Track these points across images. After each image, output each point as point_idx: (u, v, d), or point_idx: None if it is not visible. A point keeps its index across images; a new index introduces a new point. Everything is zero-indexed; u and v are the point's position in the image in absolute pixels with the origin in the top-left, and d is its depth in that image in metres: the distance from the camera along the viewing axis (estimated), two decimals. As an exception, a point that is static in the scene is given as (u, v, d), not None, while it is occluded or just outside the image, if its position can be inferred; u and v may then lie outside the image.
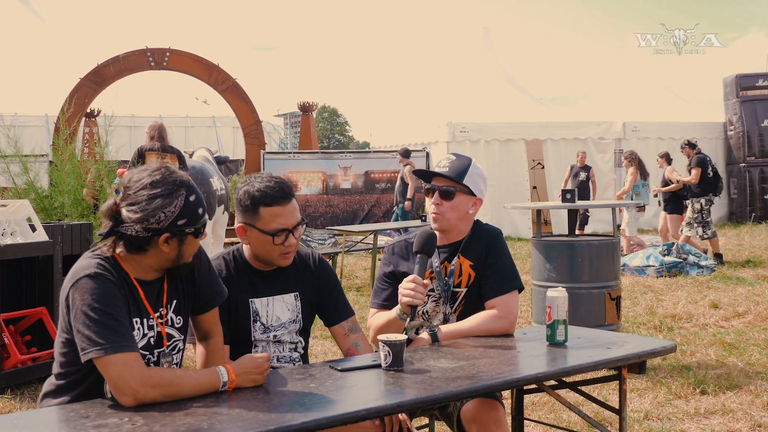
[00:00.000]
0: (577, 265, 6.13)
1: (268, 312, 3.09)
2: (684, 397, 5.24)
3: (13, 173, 9.36)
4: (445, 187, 3.33)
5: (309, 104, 21.12)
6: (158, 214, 2.45)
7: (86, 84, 16.90)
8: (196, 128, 25.64)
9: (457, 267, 3.34)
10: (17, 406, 5.29)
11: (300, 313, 3.15)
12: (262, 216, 2.97)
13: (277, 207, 2.96)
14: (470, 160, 3.41)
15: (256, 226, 2.98)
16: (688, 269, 10.84)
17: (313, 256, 3.26)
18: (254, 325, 3.07)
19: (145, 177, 2.49)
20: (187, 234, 2.52)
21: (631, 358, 2.96)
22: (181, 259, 2.57)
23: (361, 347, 3.16)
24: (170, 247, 2.51)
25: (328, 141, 68.11)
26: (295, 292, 3.15)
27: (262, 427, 2.12)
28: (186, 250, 2.56)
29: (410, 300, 3.05)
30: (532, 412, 4.89)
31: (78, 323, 2.37)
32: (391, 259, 3.43)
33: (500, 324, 3.23)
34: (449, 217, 3.33)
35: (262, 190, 2.97)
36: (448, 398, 2.62)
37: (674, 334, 7.20)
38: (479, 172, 3.41)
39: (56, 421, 2.26)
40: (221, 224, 10.77)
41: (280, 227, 2.97)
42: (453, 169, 3.35)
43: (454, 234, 3.39)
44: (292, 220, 3.00)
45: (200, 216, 2.54)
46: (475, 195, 3.38)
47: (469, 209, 3.37)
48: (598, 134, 18.12)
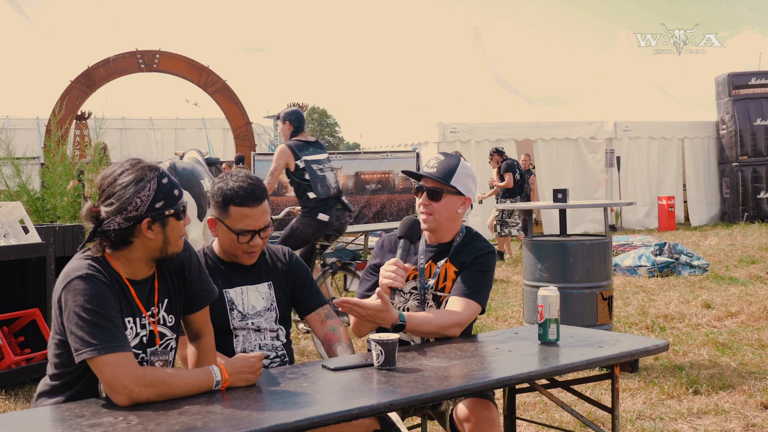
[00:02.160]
0: (568, 265, 6.14)
1: (243, 300, 3.17)
2: (677, 397, 5.25)
3: (5, 176, 9.34)
4: (433, 188, 3.35)
5: (299, 105, 21.11)
6: (134, 200, 2.47)
7: (77, 86, 16.86)
8: (186, 130, 25.57)
9: (443, 271, 3.35)
10: (11, 407, 5.29)
11: (275, 301, 3.22)
12: (231, 214, 3.09)
13: (246, 208, 3.08)
14: (459, 160, 3.42)
15: (224, 222, 3.11)
16: (680, 269, 10.86)
17: (283, 250, 3.35)
18: (231, 313, 3.14)
19: (114, 170, 2.53)
20: (167, 216, 2.53)
21: (624, 357, 2.98)
22: (168, 246, 2.57)
23: (338, 331, 3.21)
24: (154, 233, 2.52)
25: (318, 142, 68.02)
26: (268, 281, 3.24)
27: (255, 425, 2.13)
28: (171, 235, 2.56)
29: (390, 282, 3.08)
30: (524, 412, 4.90)
31: (71, 324, 2.38)
32: (379, 252, 3.46)
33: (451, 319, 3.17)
34: (438, 217, 3.35)
35: (235, 189, 3.08)
36: (441, 397, 2.63)
37: (666, 334, 7.23)
38: (468, 172, 3.42)
39: (51, 421, 2.27)
40: (212, 226, 10.74)
41: (246, 228, 3.09)
42: (440, 170, 3.37)
43: (442, 234, 3.40)
44: (260, 222, 3.11)
45: (177, 197, 2.55)
46: (464, 195, 3.39)
47: (457, 209, 3.38)
48: (589, 134, 18.16)
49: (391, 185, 17.24)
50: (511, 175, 12.97)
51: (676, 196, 18.58)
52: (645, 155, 18.71)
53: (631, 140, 18.48)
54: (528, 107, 19.73)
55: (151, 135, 24.34)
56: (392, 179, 17.22)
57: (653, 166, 18.77)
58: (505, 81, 20.76)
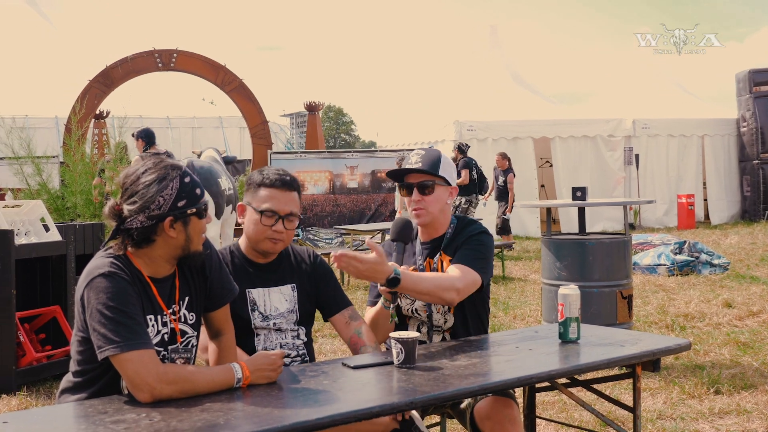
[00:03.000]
0: (587, 263, 6.11)
1: (265, 302, 3.16)
2: (698, 397, 5.22)
3: (26, 174, 9.42)
4: (422, 182, 3.34)
5: (315, 104, 21.14)
6: (156, 199, 2.48)
7: (95, 86, 16.96)
8: (203, 129, 25.70)
9: (439, 264, 3.35)
10: (33, 403, 5.33)
11: (297, 304, 3.20)
12: (259, 195, 3.11)
13: (274, 189, 3.09)
14: (440, 151, 3.44)
15: (252, 204, 3.12)
16: (700, 268, 10.78)
17: (308, 252, 3.34)
18: (252, 313, 3.13)
19: (138, 169, 2.55)
20: (189, 215, 2.55)
21: (646, 356, 2.96)
22: (190, 244, 2.58)
23: (364, 334, 3.19)
24: (176, 231, 2.54)
25: (333, 141, 68.13)
26: (292, 283, 3.22)
27: (277, 422, 2.14)
28: (192, 233, 2.57)
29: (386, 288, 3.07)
30: (543, 412, 4.88)
31: (93, 322, 2.39)
32: None
33: (449, 296, 3.11)
34: (432, 210, 3.34)
35: (268, 174, 3.13)
36: (461, 395, 2.63)
37: (687, 333, 7.18)
38: (449, 161, 3.43)
39: (75, 417, 2.29)
40: (230, 224, 10.77)
41: (271, 208, 3.07)
42: (426, 163, 3.36)
43: (435, 227, 3.40)
44: (285, 207, 3.09)
45: (199, 196, 2.57)
46: (450, 185, 3.40)
47: (446, 200, 3.39)
48: (608, 132, 18.06)
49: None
50: (467, 172, 13.19)
51: (696, 194, 18.45)
52: (664, 153, 18.59)
53: (650, 138, 18.36)
54: (545, 105, 19.65)
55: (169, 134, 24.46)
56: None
57: (672, 164, 18.64)
58: (522, 79, 20.68)
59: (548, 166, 19.21)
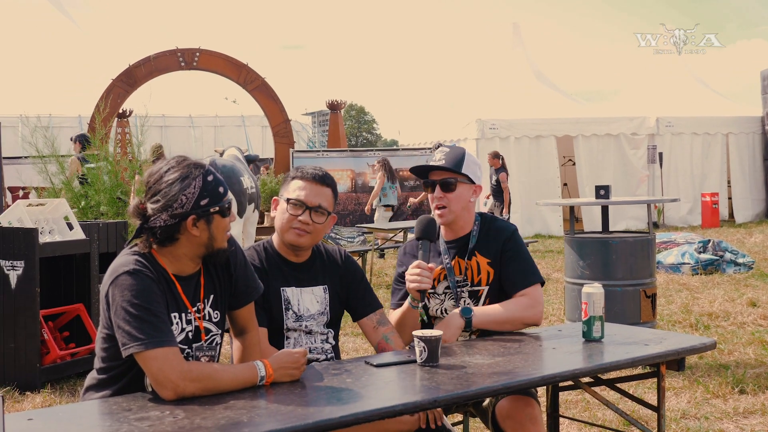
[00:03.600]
0: (611, 262, 6.07)
1: (299, 302, 3.13)
2: (722, 397, 5.17)
3: (50, 173, 9.49)
4: (445, 179, 3.34)
5: (337, 102, 21.15)
6: (179, 197, 2.50)
7: (118, 85, 17.08)
8: (225, 127, 25.78)
9: (474, 265, 3.34)
10: (57, 400, 5.37)
11: (328, 306, 3.18)
12: (290, 186, 3.11)
13: (305, 181, 3.09)
14: (464, 149, 3.43)
15: (283, 195, 3.12)
16: (724, 267, 10.69)
17: (340, 252, 3.30)
18: (287, 313, 3.11)
19: (161, 168, 2.57)
20: (212, 213, 2.55)
21: (670, 355, 2.94)
22: (214, 242, 2.59)
23: (392, 340, 3.17)
24: (200, 230, 2.55)
25: (355, 139, 68.18)
26: (323, 285, 3.19)
27: (300, 420, 2.14)
28: (216, 232, 2.58)
29: (417, 285, 3.09)
30: (566, 410, 4.86)
31: (118, 319, 2.41)
32: (403, 260, 3.45)
33: (531, 312, 3.25)
34: (454, 208, 3.34)
35: (304, 168, 3.13)
36: (485, 394, 2.62)
37: (711, 332, 7.13)
38: (474, 160, 3.42)
39: (99, 414, 2.30)
40: (252, 222, 10.81)
41: (299, 198, 3.06)
42: (450, 160, 3.35)
43: (459, 226, 3.39)
44: (314, 199, 3.08)
45: (222, 195, 2.58)
46: (474, 183, 3.38)
47: (470, 198, 3.38)
48: (631, 130, 17.94)
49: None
50: None
51: (720, 193, 18.29)
52: (688, 151, 18.44)
53: (674, 136, 18.22)
54: (568, 103, 19.57)
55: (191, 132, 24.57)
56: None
57: (696, 162, 18.49)
58: (545, 77, 20.61)
59: (571, 165, 19.11)
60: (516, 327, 3.27)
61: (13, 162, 16.07)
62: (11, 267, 5.60)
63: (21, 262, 5.58)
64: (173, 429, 2.07)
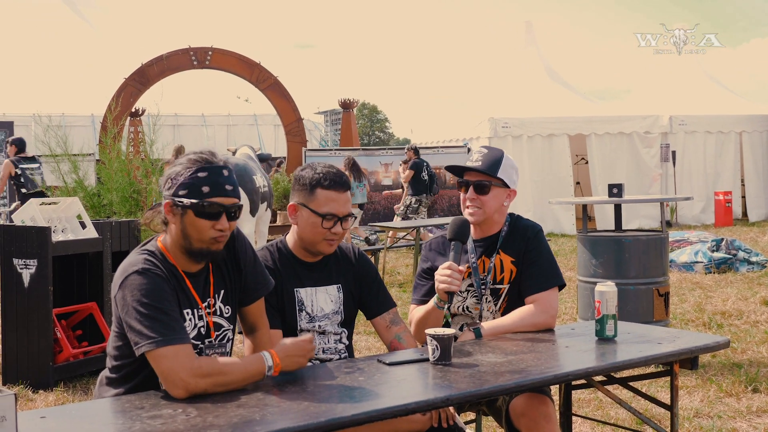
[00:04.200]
0: (624, 260, 6.05)
1: (312, 302, 3.11)
2: (735, 395, 5.15)
3: (62, 172, 9.54)
4: (480, 182, 3.32)
5: (349, 101, 21.15)
6: (168, 180, 2.54)
7: (131, 84, 17.13)
8: (237, 126, 25.86)
9: (498, 263, 3.33)
10: (69, 399, 5.39)
11: (342, 305, 3.16)
12: (318, 197, 3.02)
13: (333, 192, 3.02)
14: (502, 152, 3.41)
15: (308, 206, 3.03)
16: (737, 265, 10.64)
17: (353, 250, 3.29)
18: (300, 314, 3.09)
19: (187, 154, 2.59)
20: (185, 207, 2.51)
21: (684, 354, 2.92)
22: (189, 238, 2.55)
23: (404, 340, 3.16)
24: (174, 218, 2.55)
25: (368, 138, 68.15)
26: (338, 284, 3.17)
27: (313, 418, 2.13)
28: (188, 228, 2.53)
29: (446, 286, 3.06)
30: (578, 409, 4.84)
31: (129, 318, 2.41)
32: (428, 255, 3.44)
33: (541, 319, 3.23)
34: (486, 210, 3.33)
35: (323, 173, 3.04)
36: (497, 392, 2.61)
37: (724, 331, 7.09)
38: (511, 164, 3.40)
39: (112, 412, 2.30)
40: (264, 221, 10.83)
41: (331, 211, 3.00)
42: (486, 163, 3.34)
43: (489, 227, 3.38)
44: (343, 209, 3.04)
45: (203, 194, 2.51)
46: (509, 187, 3.37)
47: (504, 201, 3.37)
48: (644, 128, 17.86)
49: (442, 181, 17.21)
50: (412, 173, 13.90)
51: (734, 191, 18.19)
52: (701, 150, 18.34)
53: (687, 134, 18.12)
54: (581, 101, 19.49)
55: (203, 131, 24.66)
56: (443, 175, 17.18)
57: (710, 161, 18.39)
58: (558, 75, 20.53)
59: (584, 163, 19.04)
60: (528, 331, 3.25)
61: (26, 161, 16.14)
62: (24, 266, 5.62)
63: (34, 261, 5.60)
64: (186, 427, 2.07)
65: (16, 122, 18.22)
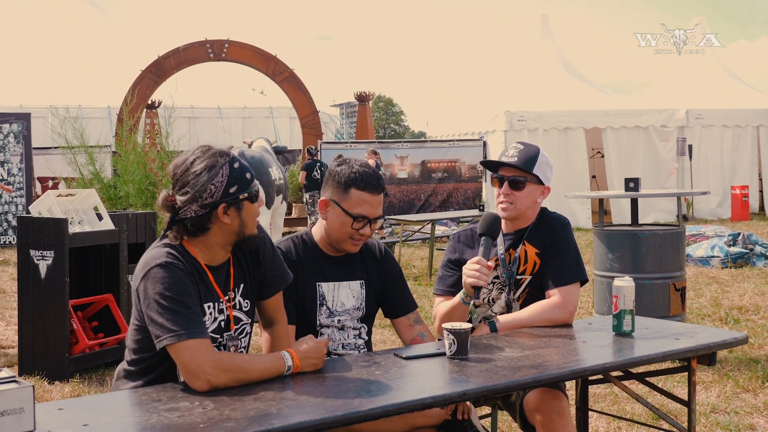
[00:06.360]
0: (640, 255, 6.02)
1: (334, 297, 3.10)
2: (752, 391, 5.12)
3: (79, 164, 9.58)
4: (515, 177, 3.31)
5: (365, 94, 21.14)
6: (208, 187, 2.49)
7: (147, 76, 17.18)
8: (253, 119, 25.89)
9: (522, 254, 3.31)
10: (85, 390, 5.42)
11: (364, 301, 3.15)
12: (351, 197, 3.00)
13: (367, 194, 3.00)
14: (538, 149, 3.38)
15: (341, 204, 3.01)
16: (754, 260, 10.58)
17: (379, 247, 3.27)
18: (320, 309, 3.08)
19: (187, 159, 2.55)
20: (242, 200, 2.55)
21: (702, 350, 2.90)
22: (245, 229, 2.59)
23: (427, 338, 3.15)
24: (231, 217, 2.54)
25: (383, 131, 68.10)
26: (361, 279, 3.16)
27: (330, 412, 2.13)
28: (247, 218, 2.58)
29: (474, 281, 3.04)
30: (594, 404, 4.82)
31: (151, 312, 2.41)
32: (456, 247, 3.42)
33: (559, 314, 3.20)
34: (519, 206, 3.31)
35: (360, 173, 3.01)
36: (514, 387, 2.60)
37: (741, 326, 7.05)
38: (547, 161, 3.38)
39: (130, 404, 2.31)
40: (279, 214, 10.85)
41: (363, 213, 2.99)
42: (522, 159, 3.32)
43: (520, 221, 3.37)
44: (375, 211, 3.02)
45: (249, 180, 2.56)
46: (544, 184, 3.35)
47: (537, 198, 3.35)
48: (660, 122, 17.77)
49: (457, 174, 17.20)
50: (305, 173, 15.10)
51: (751, 186, 18.09)
52: (718, 143, 18.24)
53: (704, 128, 18.02)
54: (597, 95, 19.40)
55: (219, 123, 24.71)
56: (459, 168, 17.17)
57: (726, 155, 18.29)
58: (574, 68, 20.44)
59: (600, 157, 18.97)
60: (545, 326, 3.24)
61: (42, 152, 16.24)
62: (41, 257, 5.65)
63: (51, 252, 5.62)
64: (202, 420, 2.08)
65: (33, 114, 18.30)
